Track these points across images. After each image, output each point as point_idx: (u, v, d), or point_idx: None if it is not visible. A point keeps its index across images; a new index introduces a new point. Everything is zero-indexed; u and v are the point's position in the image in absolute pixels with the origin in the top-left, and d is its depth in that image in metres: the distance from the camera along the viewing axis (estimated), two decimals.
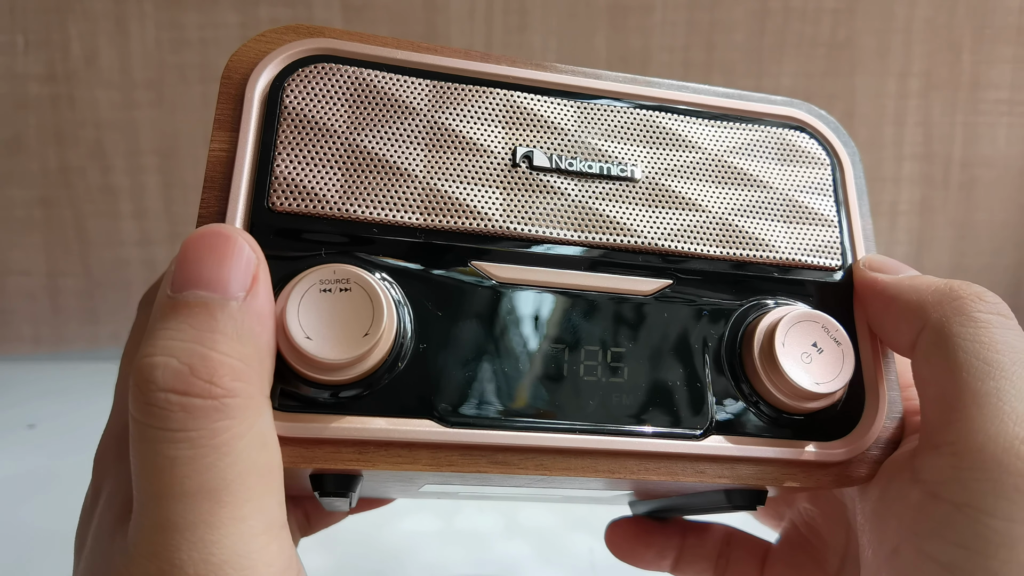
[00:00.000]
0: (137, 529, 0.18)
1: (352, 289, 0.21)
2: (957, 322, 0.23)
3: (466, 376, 0.23)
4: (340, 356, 0.21)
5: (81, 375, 0.68)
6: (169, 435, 0.18)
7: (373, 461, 0.22)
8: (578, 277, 0.24)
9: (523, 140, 0.25)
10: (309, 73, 0.24)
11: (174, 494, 0.18)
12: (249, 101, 0.23)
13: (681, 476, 0.24)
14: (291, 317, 0.20)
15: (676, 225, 0.26)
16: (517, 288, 0.24)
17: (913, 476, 0.23)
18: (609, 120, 0.26)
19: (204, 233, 0.20)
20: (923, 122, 0.73)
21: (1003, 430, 0.21)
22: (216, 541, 0.18)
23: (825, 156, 0.28)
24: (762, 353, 0.24)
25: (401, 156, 0.24)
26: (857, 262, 0.27)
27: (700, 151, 0.27)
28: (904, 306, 0.24)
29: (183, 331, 0.19)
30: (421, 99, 0.24)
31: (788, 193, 0.27)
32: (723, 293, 0.26)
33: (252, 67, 0.24)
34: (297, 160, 0.23)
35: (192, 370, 0.18)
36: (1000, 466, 0.20)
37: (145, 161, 0.68)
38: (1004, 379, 0.21)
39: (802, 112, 0.28)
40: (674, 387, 0.24)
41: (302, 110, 0.23)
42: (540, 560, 0.48)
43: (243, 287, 0.20)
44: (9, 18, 0.65)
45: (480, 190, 0.24)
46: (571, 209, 0.25)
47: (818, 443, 0.25)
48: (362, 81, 0.24)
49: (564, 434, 0.23)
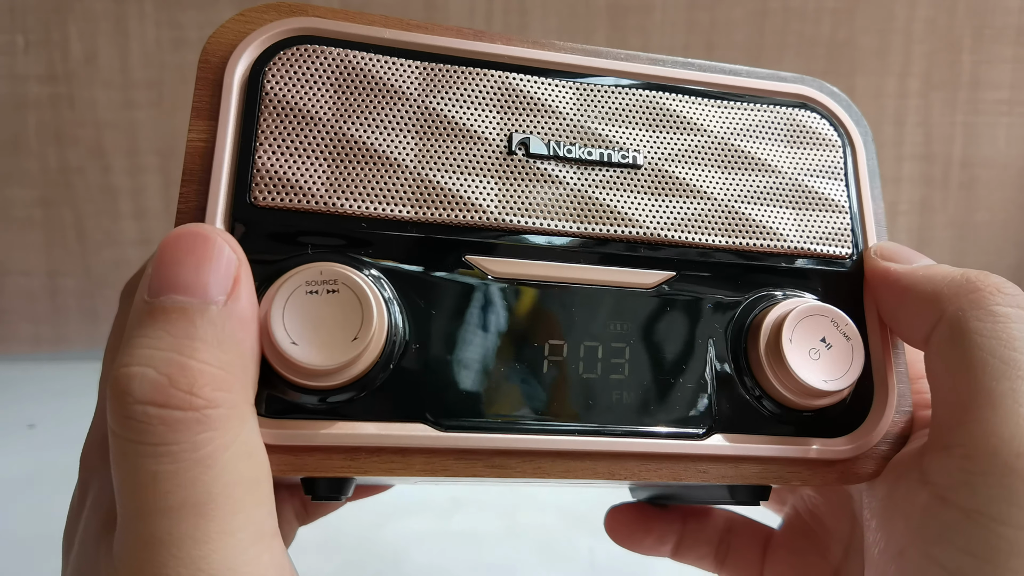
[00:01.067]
0: (122, 544, 0.18)
1: (340, 290, 0.20)
2: (975, 316, 0.21)
3: (461, 377, 0.22)
4: (327, 362, 0.20)
5: (81, 375, 0.68)
6: (149, 449, 0.17)
7: (365, 468, 0.21)
8: (577, 271, 0.23)
9: (519, 126, 0.24)
10: (292, 56, 0.22)
11: (158, 509, 0.17)
12: (228, 87, 0.22)
13: (683, 476, 0.23)
14: (276, 321, 0.20)
15: (680, 214, 0.24)
16: (513, 283, 0.23)
17: (921, 477, 0.22)
18: (610, 102, 0.25)
19: (181, 234, 0.19)
20: (923, 122, 0.73)
21: (1018, 433, 0.20)
22: (204, 556, 0.17)
23: (836, 136, 0.27)
24: (768, 348, 0.23)
25: (391, 145, 0.22)
26: (868, 250, 0.26)
27: (706, 134, 0.25)
28: (918, 298, 0.23)
29: (161, 339, 0.18)
30: (411, 83, 0.23)
31: (797, 177, 0.26)
32: (728, 285, 0.25)
33: (231, 49, 0.22)
34: (280, 151, 0.22)
35: (171, 381, 0.17)
36: (1013, 472, 0.19)
37: (145, 161, 0.68)
38: (1021, 379, 0.20)
39: (813, 89, 0.27)
40: (676, 384, 0.24)
41: (284, 96, 0.22)
42: (540, 560, 0.48)
43: (223, 291, 0.19)
44: (9, 18, 0.65)
45: (474, 180, 0.23)
46: (570, 199, 0.24)
47: (824, 440, 0.24)
48: (348, 64, 0.23)
49: (563, 436, 0.22)
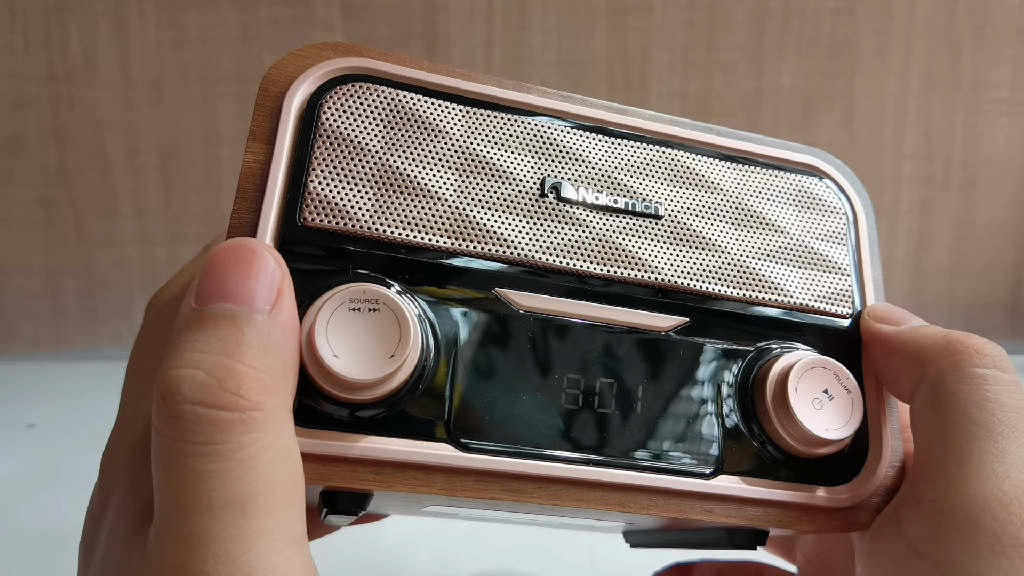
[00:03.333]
0: (159, 541, 0.18)
1: (381, 310, 0.21)
2: (952, 378, 0.23)
3: (484, 402, 0.23)
4: (366, 376, 0.21)
5: (81, 375, 0.68)
6: (196, 448, 0.18)
7: (390, 482, 0.22)
8: (598, 309, 0.25)
9: (552, 171, 0.25)
10: (346, 92, 0.24)
11: (201, 507, 0.18)
12: (286, 115, 0.23)
13: (690, 514, 0.24)
14: (319, 335, 0.21)
15: (695, 264, 0.26)
16: (538, 317, 0.24)
17: (897, 528, 0.23)
18: (636, 156, 0.26)
19: (231, 247, 0.20)
20: (923, 122, 0.73)
21: (981, 491, 0.21)
22: (242, 554, 0.18)
23: (842, 205, 0.28)
24: (775, 397, 0.25)
25: (432, 179, 0.24)
26: (864, 312, 0.27)
27: (722, 193, 0.27)
28: (905, 359, 0.25)
29: (209, 343, 0.19)
30: (454, 124, 0.25)
31: (805, 240, 0.27)
32: (738, 334, 0.26)
33: (290, 81, 0.24)
34: (330, 177, 0.23)
35: (220, 382, 0.18)
36: (976, 526, 0.21)
37: (145, 161, 0.69)
38: (988, 440, 0.22)
39: (821, 161, 0.29)
40: (686, 424, 0.25)
41: (338, 128, 0.24)
42: (540, 560, 0.48)
43: (269, 300, 0.20)
44: (9, 18, 0.66)
45: (508, 218, 0.24)
46: (595, 242, 0.25)
47: (823, 488, 0.25)
48: (398, 102, 0.24)
49: (578, 465, 0.23)
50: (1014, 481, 0.21)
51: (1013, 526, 0.21)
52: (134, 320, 0.70)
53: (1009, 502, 0.21)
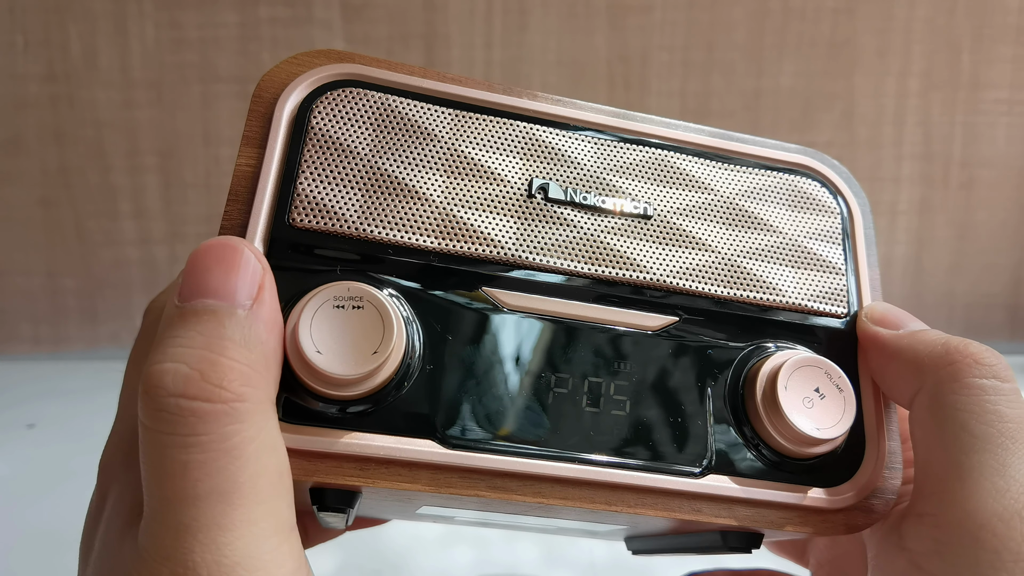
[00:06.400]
0: (148, 533, 0.18)
1: (365, 307, 0.21)
2: (951, 389, 0.23)
3: (469, 399, 0.23)
4: (349, 371, 0.21)
5: (81, 375, 0.68)
6: (180, 440, 0.18)
7: (374, 478, 0.22)
8: (585, 308, 0.25)
9: (539, 172, 0.25)
10: (337, 96, 0.24)
11: (187, 497, 0.18)
12: (278, 120, 0.24)
13: (678, 513, 0.24)
14: (303, 331, 0.21)
15: (685, 264, 0.26)
16: (524, 316, 0.24)
17: (899, 542, 0.23)
18: (625, 157, 0.26)
19: (211, 245, 0.20)
20: (923, 122, 0.73)
21: (981, 506, 0.21)
22: (229, 543, 0.18)
23: (835, 205, 0.28)
24: (764, 396, 0.24)
25: (420, 181, 0.24)
26: (861, 312, 0.27)
27: (713, 193, 0.27)
28: (903, 365, 0.24)
29: (192, 338, 0.19)
30: (443, 127, 0.25)
31: (797, 239, 0.27)
32: (728, 333, 0.26)
33: (283, 87, 0.24)
34: (320, 179, 0.24)
35: (202, 375, 0.18)
36: (977, 542, 0.21)
37: (145, 161, 0.69)
38: (987, 452, 0.22)
39: (814, 161, 0.29)
40: (675, 424, 0.25)
41: (327, 131, 0.24)
42: (540, 560, 0.48)
43: (250, 296, 0.20)
44: (9, 18, 0.66)
45: (495, 218, 0.25)
46: (583, 242, 0.25)
47: (815, 489, 0.25)
48: (387, 107, 0.25)
49: (564, 463, 0.23)
50: (1014, 495, 0.21)
51: (1014, 541, 0.21)
52: (134, 320, 0.70)
53: (1010, 517, 0.21)
